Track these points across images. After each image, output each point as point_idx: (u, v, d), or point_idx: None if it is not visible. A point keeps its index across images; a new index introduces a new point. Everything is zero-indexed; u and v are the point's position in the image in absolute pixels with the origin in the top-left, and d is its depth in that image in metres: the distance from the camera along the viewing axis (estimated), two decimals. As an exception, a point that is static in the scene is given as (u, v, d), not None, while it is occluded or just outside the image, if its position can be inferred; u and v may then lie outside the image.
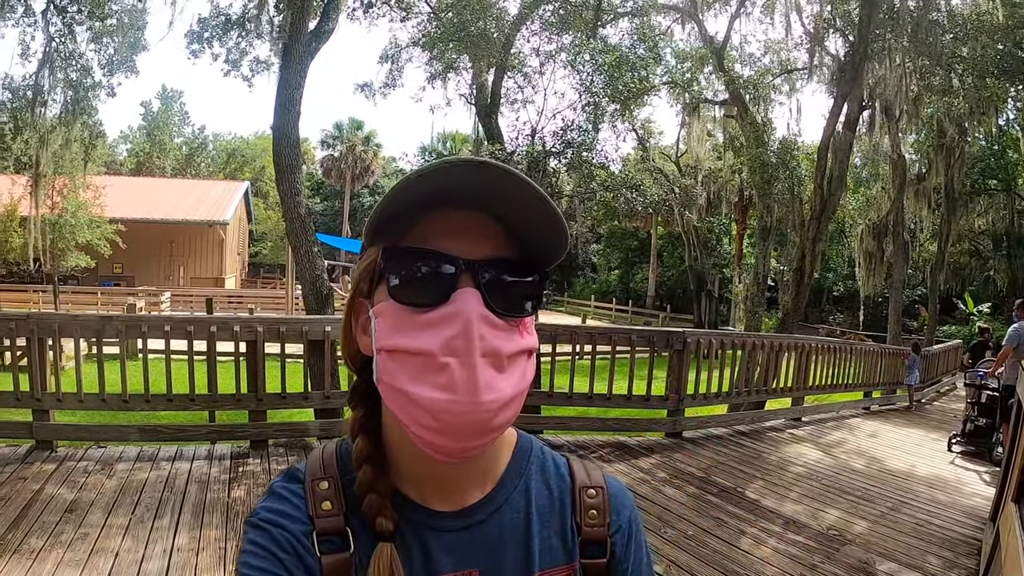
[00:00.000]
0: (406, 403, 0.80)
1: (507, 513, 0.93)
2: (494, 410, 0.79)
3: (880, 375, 13.78)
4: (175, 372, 6.84)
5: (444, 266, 0.82)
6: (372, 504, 0.86)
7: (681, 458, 7.68)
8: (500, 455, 0.97)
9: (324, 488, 0.90)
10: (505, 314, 0.83)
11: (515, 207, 0.83)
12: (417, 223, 0.85)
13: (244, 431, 7.11)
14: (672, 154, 30.71)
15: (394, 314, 0.83)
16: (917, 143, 25.35)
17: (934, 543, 5.66)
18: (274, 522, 0.87)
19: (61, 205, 24.02)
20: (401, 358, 0.81)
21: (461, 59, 16.94)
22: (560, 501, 0.98)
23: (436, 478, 0.90)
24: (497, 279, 0.84)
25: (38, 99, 14.67)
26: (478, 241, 0.84)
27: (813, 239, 14.70)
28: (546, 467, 1.01)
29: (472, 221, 0.84)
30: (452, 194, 0.82)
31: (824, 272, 35.57)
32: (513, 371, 0.82)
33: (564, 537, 0.96)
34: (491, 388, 0.79)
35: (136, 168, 58.39)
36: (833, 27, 16.96)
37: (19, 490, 5.41)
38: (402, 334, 0.81)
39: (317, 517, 0.87)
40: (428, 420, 0.79)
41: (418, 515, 0.90)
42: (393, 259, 0.84)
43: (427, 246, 0.83)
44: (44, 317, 6.82)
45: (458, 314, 0.79)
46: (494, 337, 0.81)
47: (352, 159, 50.48)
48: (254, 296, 34.37)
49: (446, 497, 0.91)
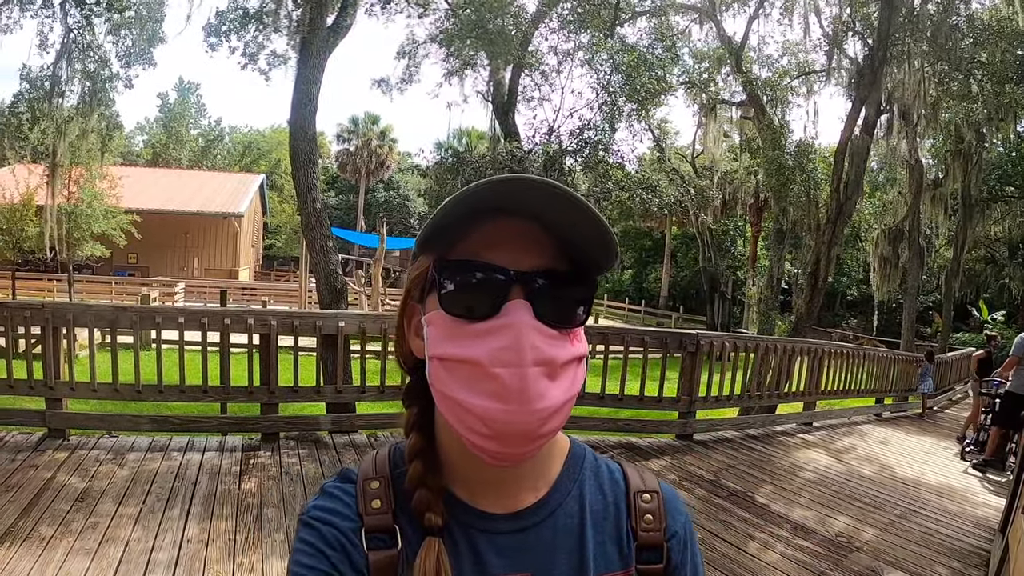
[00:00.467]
0: (458, 410, 0.81)
1: (560, 517, 0.93)
2: (544, 417, 0.80)
3: (893, 382, 13.72)
4: (188, 363, 6.87)
5: (494, 278, 0.83)
6: (421, 499, 0.88)
7: (691, 460, 7.67)
8: (553, 460, 0.97)
9: (375, 487, 0.92)
10: (555, 324, 0.84)
11: (568, 223, 0.83)
12: (468, 233, 0.85)
13: (256, 424, 7.15)
14: (688, 155, 30.68)
15: (446, 324, 0.84)
16: (934, 148, 25.20)
17: (943, 553, 5.64)
18: (324, 520, 0.89)
19: (77, 195, 24.13)
20: (453, 366, 0.82)
21: (478, 56, 16.92)
22: (615, 506, 0.98)
23: (488, 480, 0.91)
24: (547, 290, 0.84)
25: (56, 90, 14.73)
26: (528, 251, 0.85)
27: (828, 243, 14.63)
28: (600, 472, 1.01)
29: (522, 231, 0.85)
30: (504, 204, 0.82)
31: (838, 276, 35.44)
32: (564, 378, 0.83)
33: (619, 542, 0.96)
34: (543, 396, 0.80)
35: (152, 159, 58.68)
36: (852, 30, 16.86)
37: (31, 478, 5.45)
38: (453, 344, 0.82)
39: (366, 514, 0.89)
40: (480, 427, 0.80)
41: (469, 516, 0.90)
42: (444, 271, 0.85)
43: (478, 258, 0.84)
44: (59, 306, 6.85)
45: (509, 326, 0.81)
46: (547, 346, 0.81)
47: (368, 154, 50.49)
48: (267, 288, 34.53)
49: (498, 500, 0.92)
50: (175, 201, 35.70)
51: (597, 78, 16.81)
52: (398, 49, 18.28)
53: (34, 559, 4.07)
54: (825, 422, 11.00)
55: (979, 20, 15.61)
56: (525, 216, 0.84)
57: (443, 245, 0.86)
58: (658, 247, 46.24)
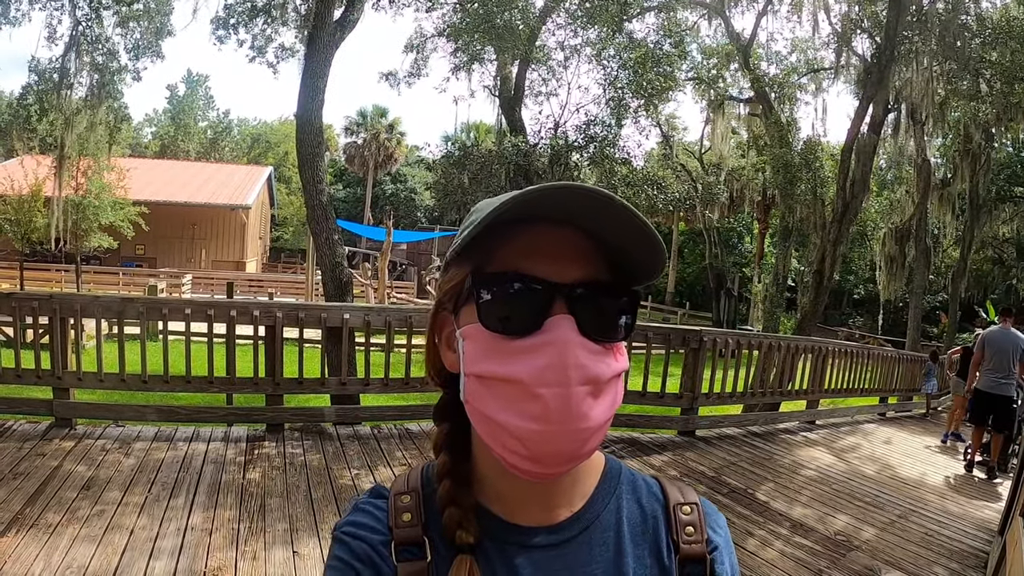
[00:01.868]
0: (495, 430, 0.79)
1: (597, 531, 0.91)
2: (586, 438, 0.79)
3: (897, 381, 13.71)
4: (194, 354, 6.92)
5: (536, 291, 0.80)
6: (452, 517, 0.86)
7: (693, 457, 7.69)
8: (589, 475, 0.94)
9: (406, 501, 0.90)
10: (600, 339, 0.81)
11: (613, 230, 0.81)
12: (507, 242, 0.83)
13: (261, 414, 7.21)
14: (695, 151, 30.60)
15: (484, 339, 0.81)
16: (943, 148, 25.13)
17: (942, 554, 5.65)
18: (354, 535, 0.88)
19: (85, 186, 24.20)
20: (492, 384, 0.80)
21: (486, 50, 16.89)
22: (653, 519, 0.95)
23: (524, 496, 0.89)
24: (590, 303, 0.81)
25: (64, 82, 14.78)
26: (571, 262, 0.82)
27: (834, 241, 14.62)
28: (637, 487, 0.98)
29: (564, 239, 0.82)
30: (546, 212, 0.80)
31: (845, 275, 35.40)
32: (607, 396, 0.81)
33: (659, 556, 0.92)
34: (586, 417, 0.78)
35: (160, 151, 58.75)
36: (861, 28, 16.81)
37: (38, 466, 5.51)
38: (493, 361, 0.80)
39: (396, 528, 0.88)
40: (518, 447, 0.78)
41: (504, 531, 0.88)
42: (482, 284, 0.82)
43: (518, 269, 0.81)
44: (66, 297, 6.94)
45: (553, 343, 0.78)
46: (591, 363, 0.79)
47: (376, 147, 50.47)
48: (274, 280, 34.55)
49: (534, 514, 0.89)
50: (183, 193, 35.74)
51: (604, 74, 16.84)
52: (406, 43, 18.28)
53: (40, 545, 4.12)
54: (828, 420, 11.00)
55: (988, 19, 15.53)
56: (567, 223, 0.82)
57: (480, 254, 0.84)
58: (665, 243, 46.03)
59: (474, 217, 0.84)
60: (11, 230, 24.67)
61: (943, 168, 25.13)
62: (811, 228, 18.70)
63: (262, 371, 7.06)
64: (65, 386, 6.65)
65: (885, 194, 29.66)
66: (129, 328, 6.92)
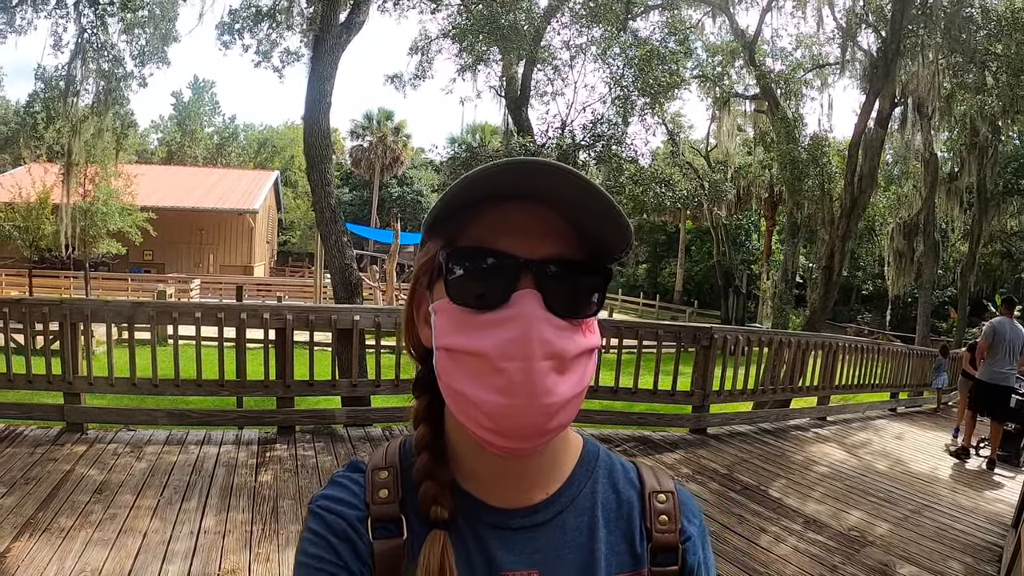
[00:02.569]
0: (464, 403, 0.80)
1: (572, 515, 0.91)
2: (552, 413, 0.79)
3: (907, 376, 13.65)
4: (205, 358, 6.93)
5: (504, 267, 0.80)
6: (428, 491, 0.86)
7: (705, 454, 7.67)
8: (565, 457, 0.94)
9: (383, 477, 0.90)
10: (566, 315, 0.81)
11: (579, 208, 0.81)
12: (478, 217, 0.83)
13: (272, 417, 7.21)
14: (702, 148, 30.58)
15: (453, 313, 0.82)
16: (949, 141, 25.06)
17: (956, 548, 5.62)
18: (330, 509, 0.88)
19: (93, 193, 24.31)
20: (459, 358, 0.80)
21: (491, 51, 16.93)
22: (628, 505, 0.95)
23: (499, 475, 0.89)
24: (558, 280, 0.81)
25: (70, 89, 14.83)
26: (539, 238, 0.82)
27: (842, 237, 14.58)
28: (614, 471, 0.98)
29: (534, 216, 0.82)
30: (517, 188, 0.80)
31: (853, 271, 35.28)
32: (574, 372, 0.81)
33: (632, 543, 0.93)
34: (550, 392, 0.78)
35: (167, 157, 58.97)
36: (865, 22, 16.78)
37: (50, 471, 5.52)
38: (460, 334, 0.80)
39: (373, 504, 0.88)
40: (485, 421, 0.78)
41: (478, 510, 0.89)
42: (452, 259, 0.82)
43: (486, 244, 0.82)
44: (77, 303, 6.94)
45: (517, 317, 0.78)
46: (557, 339, 0.79)
47: (382, 149, 50.55)
48: (282, 284, 34.65)
49: (508, 495, 0.90)
50: (190, 198, 35.86)
51: (610, 72, 16.85)
52: (411, 45, 18.35)
53: (53, 550, 4.12)
54: (839, 417, 10.96)
55: (993, 11, 15.49)
56: (538, 200, 0.81)
57: (451, 230, 0.85)
58: (672, 242, 46.18)
59: (445, 192, 0.84)
60: (19, 237, 24.84)
61: (950, 162, 25.05)
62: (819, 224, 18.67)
63: (273, 374, 7.06)
64: (76, 391, 6.65)
65: (892, 189, 29.58)
66: (139, 333, 6.94)
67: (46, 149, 20.97)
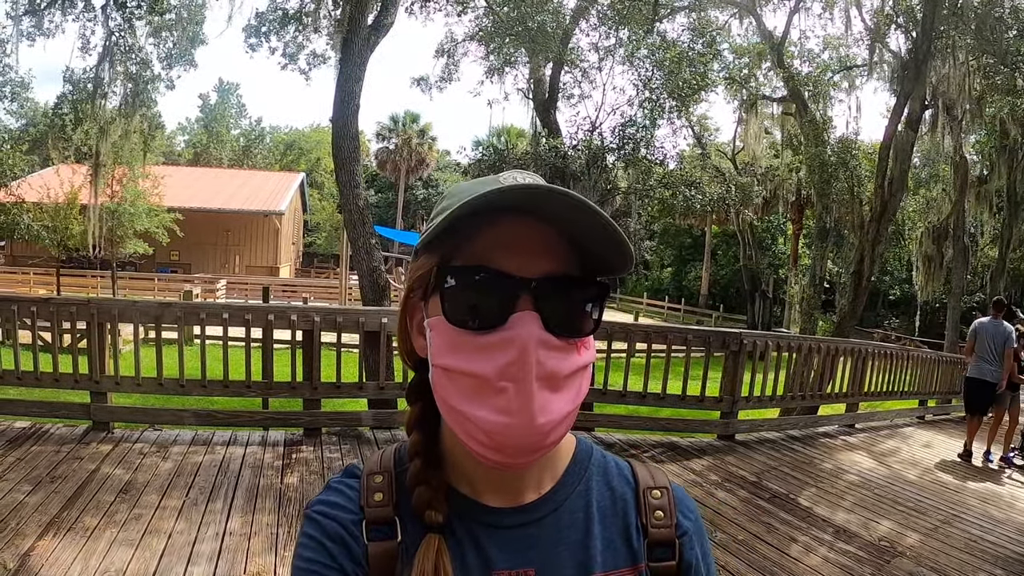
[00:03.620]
0: (461, 420, 0.80)
1: (566, 513, 0.91)
2: (547, 431, 0.79)
3: (936, 383, 13.49)
4: (231, 358, 6.95)
5: (501, 287, 0.80)
6: (422, 496, 0.87)
7: (733, 461, 7.61)
8: (559, 457, 0.95)
9: (378, 481, 0.91)
10: (565, 335, 0.81)
11: (581, 226, 0.80)
12: (473, 232, 0.82)
13: (298, 419, 7.22)
14: (728, 151, 30.43)
15: (448, 333, 0.81)
16: (979, 144, 24.72)
17: (986, 560, 5.53)
18: (325, 513, 0.89)
19: (120, 194, 24.56)
20: (456, 377, 0.80)
21: (518, 53, 16.92)
22: (623, 502, 0.96)
23: (492, 478, 0.89)
24: (556, 299, 0.81)
25: (98, 91, 14.95)
26: (537, 254, 0.82)
27: (872, 241, 14.43)
28: (608, 469, 0.99)
29: (532, 232, 0.81)
30: (514, 203, 0.79)
31: (881, 276, 34.97)
32: (569, 389, 0.81)
33: (628, 539, 0.93)
34: (546, 411, 0.78)
35: (194, 159, 59.56)
36: (895, 23, 16.57)
37: (75, 469, 5.55)
38: (457, 355, 0.80)
39: (368, 507, 0.89)
40: (483, 438, 0.78)
41: (472, 511, 0.89)
42: (448, 278, 0.82)
43: (483, 263, 0.81)
44: (104, 302, 7.00)
45: (516, 339, 0.78)
46: (552, 360, 0.79)
47: (408, 152, 50.78)
48: (308, 285, 34.83)
49: (502, 496, 0.90)
50: (217, 199, 36.17)
51: (638, 75, 16.79)
52: (437, 48, 18.39)
53: (78, 549, 4.13)
54: (868, 424, 10.85)
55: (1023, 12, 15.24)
56: (533, 215, 0.80)
57: (447, 246, 0.84)
58: (698, 245, 46.01)
59: (446, 203, 0.85)
60: (48, 237, 25.10)
61: (980, 165, 24.72)
62: (848, 228, 18.51)
63: (299, 375, 7.07)
64: (103, 390, 6.70)
65: (922, 192, 29.25)
66: (166, 333, 6.97)
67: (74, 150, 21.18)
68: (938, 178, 26.92)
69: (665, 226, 46.29)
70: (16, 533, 4.27)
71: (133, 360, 6.80)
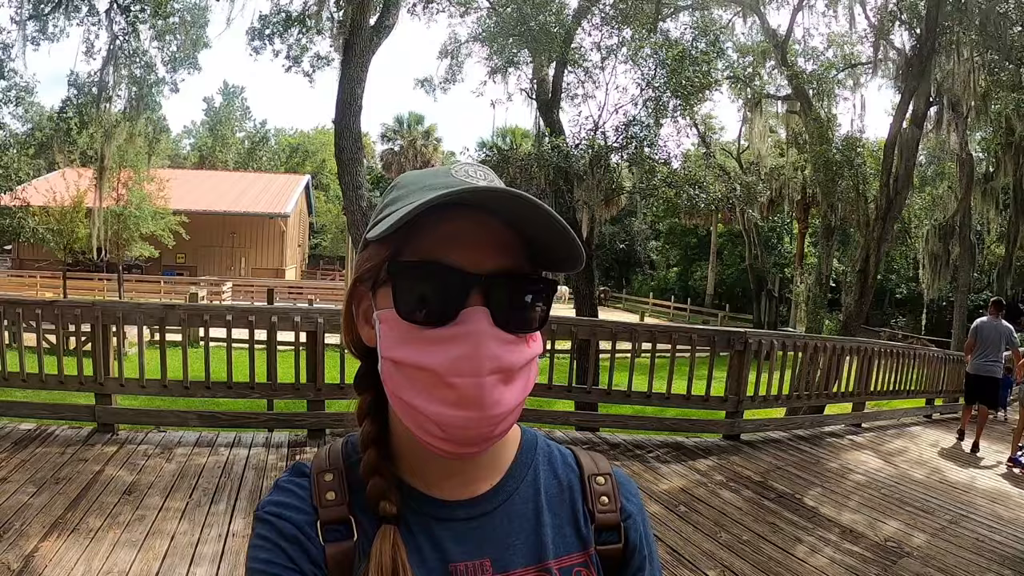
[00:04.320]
0: (413, 413, 0.81)
1: (516, 503, 0.93)
2: (499, 421, 0.81)
3: (943, 382, 13.44)
4: (236, 360, 6.97)
5: (451, 282, 0.80)
6: (376, 487, 0.87)
7: (739, 461, 7.58)
8: (506, 448, 0.96)
9: (329, 479, 0.91)
10: (515, 331, 0.82)
11: (529, 222, 0.81)
12: (422, 226, 0.82)
13: (302, 420, 7.21)
14: (733, 150, 30.35)
15: (399, 327, 0.82)
16: (984, 140, 24.61)
17: (995, 560, 5.49)
18: (278, 514, 0.88)
19: (126, 197, 24.64)
20: (407, 370, 0.81)
21: (521, 53, 16.90)
22: (569, 489, 0.98)
23: (443, 469, 0.90)
24: (507, 295, 0.82)
25: (103, 95, 15.02)
26: (486, 249, 0.82)
27: (878, 239, 14.39)
28: (553, 458, 1.01)
29: (482, 227, 0.82)
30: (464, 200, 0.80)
31: (887, 274, 34.90)
32: (519, 381, 0.83)
33: (577, 525, 0.96)
34: (499, 403, 0.79)
35: (199, 162, 59.69)
36: (899, 20, 16.52)
37: (80, 471, 5.57)
38: (408, 348, 0.81)
39: (321, 507, 0.88)
40: (435, 430, 0.80)
41: (425, 505, 0.90)
42: (398, 273, 0.83)
43: (433, 257, 0.81)
44: (109, 305, 6.98)
45: (467, 335, 0.79)
46: (504, 353, 0.80)
47: (413, 153, 50.80)
48: (313, 287, 34.89)
49: (454, 488, 0.91)
50: (222, 202, 36.28)
51: (641, 74, 16.75)
52: (440, 49, 18.38)
53: (81, 550, 4.14)
54: (874, 423, 10.81)
55: (1026, 7, 15.16)
56: (483, 209, 0.81)
57: (398, 239, 0.84)
58: (703, 244, 45.95)
59: (394, 194, 0.88)
60: (54, 240, 25.18)
61: (985, 162, 24.62)
62: (854, 226, 18.44)
63: (304, 377, 7.07)
64: (107, 392, 6.72)
65: (927, 190, 29.15)
66: (170, 335, 6.97)
67: (79, 154, 21.24)
68: (943, 175, 26.83)
69: (671, 226, 46.29)
70: (20, 534, 4.28)
71: (138, 362, 6.83)
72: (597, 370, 8.33)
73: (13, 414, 6.76)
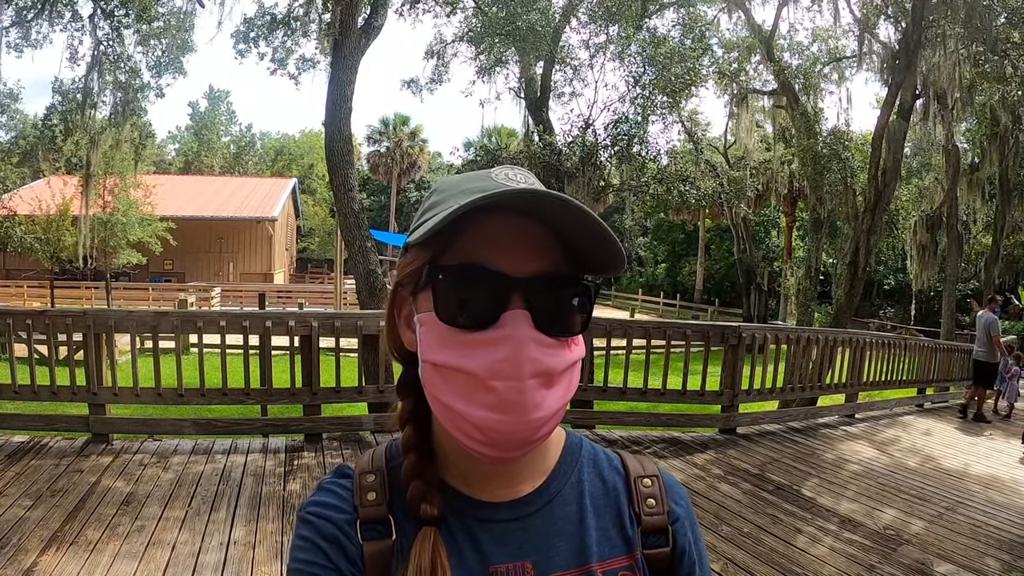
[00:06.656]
0: (453, 416, 0.81)
1: (559, 505, 0.93)
2: (539, 426, 0.80)
3: (934, 371, 13.51)
4: (230, 366, 6.92)
5: (492, 286, 0.80)
6: (416, 490, 0.87)
7: (735, 454, 7.60)
8: (550, 450, 0.96)
9: (370, 480, 0.92)
10: (555, 334, 0.82)
11: (571, 226, 0.81)
12: (463, 229, 0.82)
13: (299, 425, 7.19)
14: (719, 146, 30.45)
15: (439, 330, 0.82)
16: (969, 132, 24.75)
17: (992, 545, 5.53)
18: (319, 514, 0.89)
19: (112, 204, 24.54)
20: (447, 373, 0.80)
21: (509, 53, 16.87)
22: (615, 492, 0.97)
23: (485, 472, 0.90)
24: (547, 298, 0.82)
25: (88, 101, 14.91)
26: (528, 252, 0.82)
27: (867, 231, 14.44)
28: (598, 461, 1.00)
29: (523, 230, 0.82)
30: (506, 201, 0.79)
31: (875, 265, 34.96)
32: (560, 386, 0.82)
33: (622, 528, 0.95)
34: (540, 407, 0.79)
35: (185, 167, 59.56)
36: (884, 13, 16.57)
37: (76, 482, 5.51)
38: (449, 351, 0.81)
39: (361, 507, 0.89)
40: (475, 433, 0.79)
41: (467, 507, 0.90)
42: (439, 276, 0.82)
43: (474, 260, 0.81)
44: (100, 313, 6.96)
45: (508, 338, 0.79)
46: (545, 357, 0.80)
47: (399, 154, 50.83)
48: (302, 291, 34.91)
49: (496, 490, 0.91)
50: (209, 207, 36.20)
51: (629, 71, 16.76)
52: (426, 49, 18.28)
53: (81, 563, 4.09)
54: (867, 414, 10.84)
55: (1011, 0, 15.24)
56: (525, 213, 0.81)
57: (438, 243, 0.83)
58: (691, 240, 46.06)
59: (433, 199, 0.87)
60: (40, 249, 25.05)
61: (971, 153, 24.76)
62: (843, 219, 18.50)
63: (299, 381, 7.05)
64: (101, 402, 6.66)
65: (914, 182, 29.30)
66: (163, 342, 6.93)
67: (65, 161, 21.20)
68: (930, 167, 26.94)
69: (658, 222, 46.36)
70: (18, 549, 4.23)
71: (131, 371, 6.77)
72: (592, 367, 8.32)
73: (6, 426, 6.70)
